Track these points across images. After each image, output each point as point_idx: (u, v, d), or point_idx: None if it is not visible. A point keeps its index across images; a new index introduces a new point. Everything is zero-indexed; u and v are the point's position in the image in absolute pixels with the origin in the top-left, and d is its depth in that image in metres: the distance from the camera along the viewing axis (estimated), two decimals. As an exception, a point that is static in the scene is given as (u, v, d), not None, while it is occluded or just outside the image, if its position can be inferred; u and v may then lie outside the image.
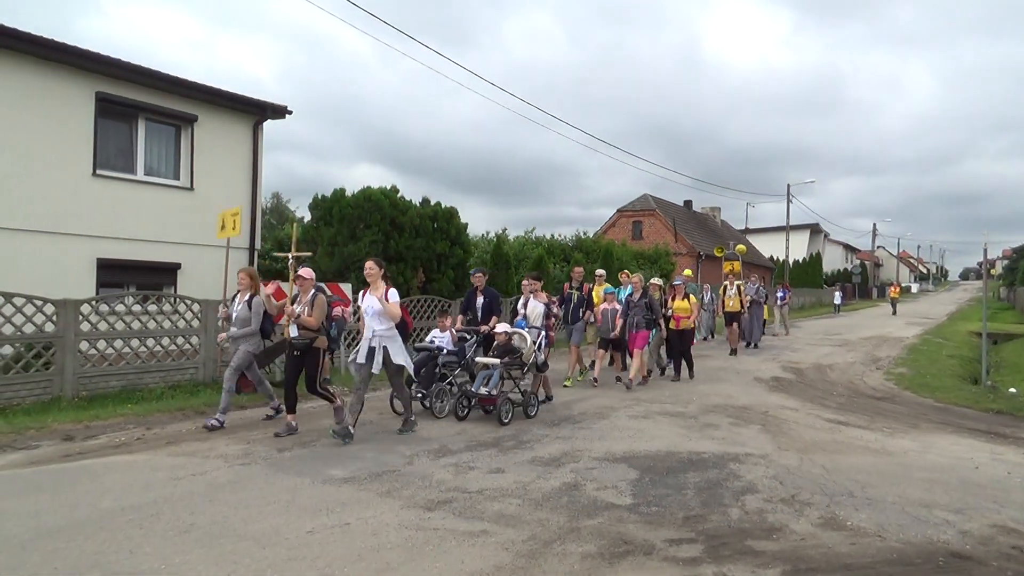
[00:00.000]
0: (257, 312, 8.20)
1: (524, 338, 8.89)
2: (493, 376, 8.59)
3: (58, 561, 4.18)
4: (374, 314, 7.37)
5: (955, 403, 10.56)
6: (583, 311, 11.59)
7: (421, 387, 8.72)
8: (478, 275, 10.18)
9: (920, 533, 4.84)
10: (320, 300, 7.53)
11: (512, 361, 8.67)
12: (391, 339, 7.44)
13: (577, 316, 11.58)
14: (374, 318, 7.38)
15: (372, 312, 7.39)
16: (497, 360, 8.62)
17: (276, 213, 39.97)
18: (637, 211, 42.01)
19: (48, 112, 11.39)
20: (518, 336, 8.96)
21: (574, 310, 11.57)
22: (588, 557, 4.34)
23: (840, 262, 76.96)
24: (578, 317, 11.58)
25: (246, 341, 8.17)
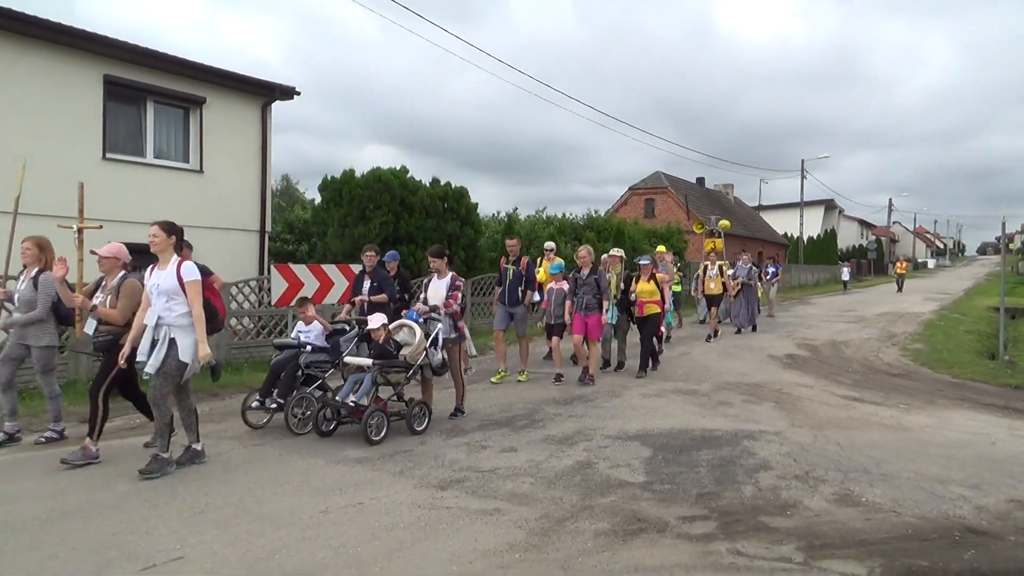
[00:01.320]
0: (46, 292, 6.48)
1: (413, 332, 7.01)
2: (365, 381, 6.77)
3: (75, 542, 4.22)
4: (161, 294, 5.56)
5: (972, 378, 10.47)
6: (522, 291, 9.98)
7: (279, 395, 7.03)
8: (368, 253, 8.80)
9: (936, 508, 4.81)
10: (129, 286, 6.09)
11: (390, 363, 6.88)
12: (183, 330, 5.56)
13: (515, 298, 9.97)
14: (161, 299, 5.56)
15: (159, 291, 5.57)
16: (369, 361, 6.82)
17: (286, 195, 40.01)
18: (649, 189, 41.72)
19: (56, 96, 11.37)
20: (407, 329, 7.11)
21: (510, 290, 9.96)
22: (601, 535, 4.34)
23: (855, 238, 76.32)
24: (516, 299, 9.97)
25: (36, 333, 6.49)
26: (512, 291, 9.92)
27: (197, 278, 5.61)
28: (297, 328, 7.68)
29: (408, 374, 6.99)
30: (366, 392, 6.73)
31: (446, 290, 7.48)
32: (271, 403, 7.00)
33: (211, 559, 4.00)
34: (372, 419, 6.47)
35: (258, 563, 3.96)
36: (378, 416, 6.53)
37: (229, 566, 3.93)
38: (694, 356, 12.42)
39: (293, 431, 6.83)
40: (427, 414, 7.06)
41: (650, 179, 42.41)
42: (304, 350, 7.30)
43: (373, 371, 6.77)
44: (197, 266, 5.76)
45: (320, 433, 6.67)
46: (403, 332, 7.16)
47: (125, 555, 4.04)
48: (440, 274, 7.66)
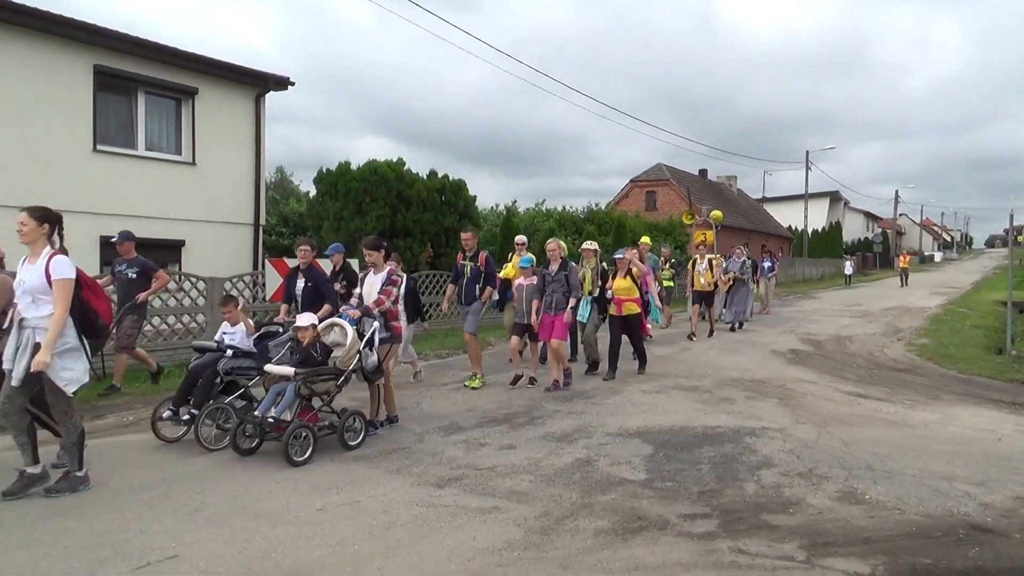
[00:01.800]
0: None
1: (345, 332, 6.26)
2: (287, 393, 5.97)
3: (69, 540, 4.19)
4: (26, 292, 4.81)
5: (978, 374, 10.38)
6: (481, 288, 9.23)
7: (194, 405, 6.26)
8: (302, 248, 7.97)
9: (940, 506, 4.74)
10: None
11: (316, 370, 6.06)
12: None
13: (472, 296, 9.24)
14: (26, 297, 4.81)
15: (24, 289, 4.82)
16: (291, 370, 5.92)
17: (280, 188, 39.99)
18: (651, 181, 41.57)
19: (46, 86, 11.31)
20: (338, 330, 6.39)
21: (467, 288, 9.23)
22: (601, 533, 4.29)
23: (861, 231, 75.99)
24: (474, 298, 9.25)
25: None
26: (469, 289, 9.22)
27: (68, 276, 4.80)
28: (222, 329, 6.88)
29: (339, 382, 6.22)
30: (288, 405, 5.93)
31: (380, 285, 6.69)
32: (185, 413, 6.23)
33: (206, 557, 3.96)
34: (295, 436, 5.66)
35: (253, 561, 3.93)
36: (303, 433, 5.72)
37: (224, 564, 3.89)
38: (695, 352, 12.35)
39: (204, 446, 6.02)
40: (364, 427, 6.26)
41: (652, 171, 42.26)
42: (225, 355, 6.51)
43: (296, 381, 5.91)
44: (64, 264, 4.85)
45: (239, 451, 5.84)
46: (334, 333, 6.39)
47: (119, 553, 4.01)
48: (376, 268, 6.84)
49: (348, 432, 6.14)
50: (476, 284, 9.16)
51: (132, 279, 8.46)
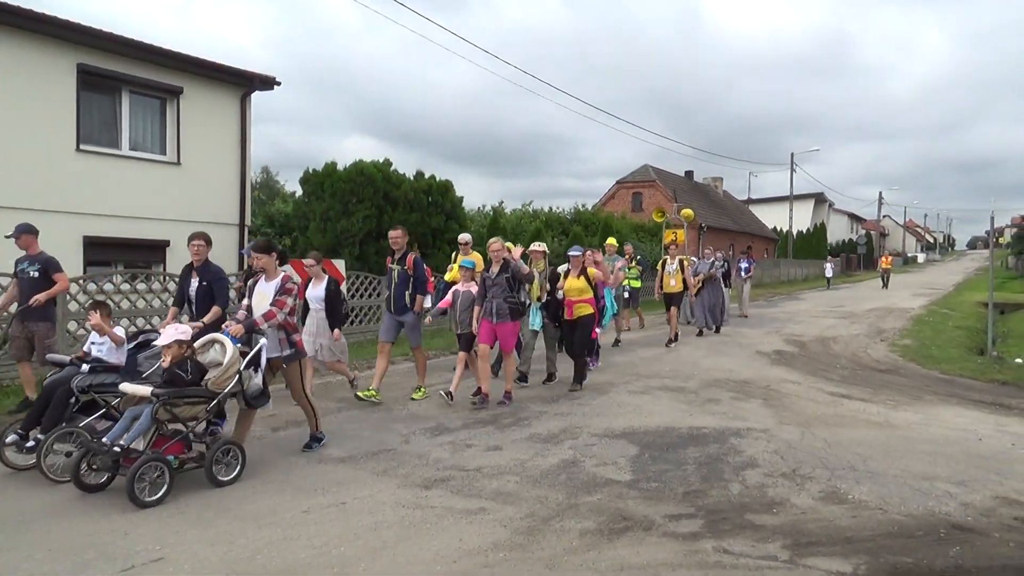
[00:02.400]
0: None
1: (224, 350, 5.39)
2: (142, 417, 5.00)
3: (53, 543, 4.16)
4: None
5: (960, 374, 10.49)
6: (410, 295, 8.15)
7: (43, 428, 5.40)
8: (195, 243, 6.84)
9: (922, 505, 4.80)
10: None
11: (178, 392, 5.10)
12: None
13: (402, 303, 8.15)
14: None
15: None
16: (147, 389, 5.01)
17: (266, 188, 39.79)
18: (637, 182, 41.69)
19: (28, 85, 11.19)
20: (218, 347, 5.50)
21: (396, 295, 8.18)
22: (587, 533, 4.31)
23: (845, 232, 76.57)
24: (404, 306, 8.16)
25: None
26: (398, 296, 8.17)
27: None
28: (90, 339, 6.03)
29: (209, 406, 5.29)
30: (142, 432, 4.97)
31: (272, 294, 5.82)
32: (32, 438, 5.41)
33: (191, 560, 3.95)
34: (145, 471, 4.76)
35: (239, 563, 3.92)
36: (156, 467, 4.83)
37: (210, 566, 3.88)
38: (681, 353, 12.41)
39: (50, 478, 5.16)
40: (239, 458, 5.35)
41: (638, 172, 42.39)
42: (80, 369, 5.66)
43: (153, 404, 4.95)
44: None
45: (82, 487, 4.95)
46: (213, 351, 5.52)
47: (104, 556, 3.99)
48: (268, 275, 5.96)
49: (218, 466, 5.21)
50: (405, 291, 8.12)
51: (34, 278, 7.26)
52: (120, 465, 4.90)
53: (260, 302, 5.87)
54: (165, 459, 4.94)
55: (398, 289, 8.15)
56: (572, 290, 8.85)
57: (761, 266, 42.34)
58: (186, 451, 5.28)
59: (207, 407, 5.31)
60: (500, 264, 7.92)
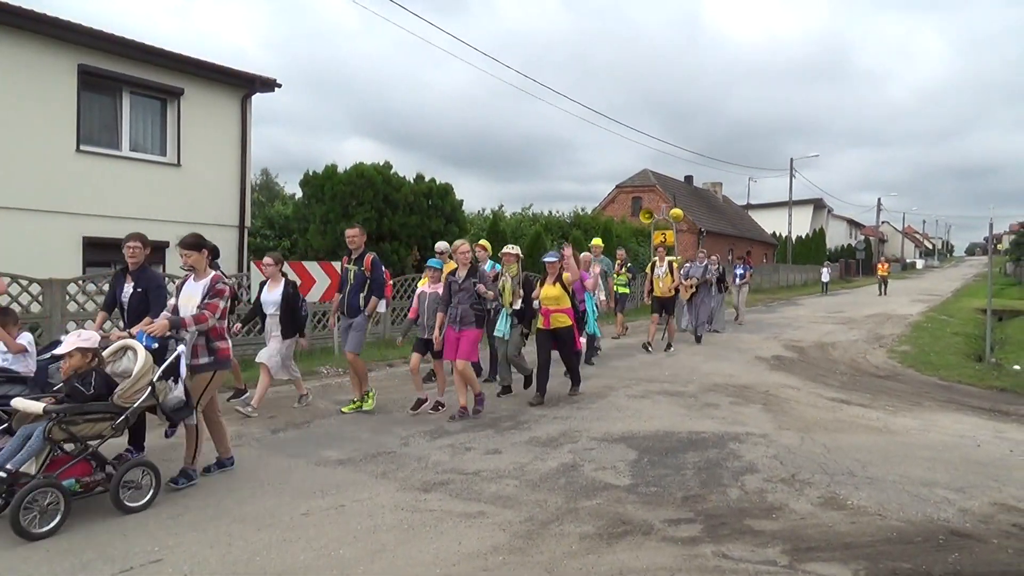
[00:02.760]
0: None
1: (136, 357, 4.82)
2: (33, 437, 4.43)
3: (50, 543, 4.16)
4: None
5: (959, 381, 10.51)
6: (365, 297, 7.62)
7: None
8: (130, 244, 6.14)
9: (920, 512, 4.80)
10: None
11: (78, 407, 4.56)
12: None
13: (355, 306, 7.63)
14: None
15: None
16: (40, 406, 4.47)
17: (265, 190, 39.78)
18: (637, 187, 41.73)
19: (29, 86, 11.19)
20: (131, 355, 4.93)
21: (350, 297, 7.63)
22: (586, 537, 4.31)
23: (844, 238, 76.66)
24: (356, 308, 7.63)
25: None
26: (352, 299, 7.64)
27: None
28: None
29: (116, 423, 4.73)
30: (34, 453, 4.40)
31: (201, 296, 5.29)
32: None
33: (190, 561, 3.95)
34: (35, 498, 4.22)
35: (238, 565, 3.92)
36: (47, 494, 4.29)
37: (209, 568, 3.88)
38: (680, 357, 12.41)
39: None
40: (153, 481, 4.83)
41: (637, 177, 42.44)
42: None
43: (47, 422, 4.41)
44: None
45: None
46: (125, 359, 4.96)
47: (102, 557, 3.99)
48: (197, 274, 5.45)
49: (127, 490, 4.69)
50: (360, 293, 7.65)
51: None
52: (13, 490, 4.28)
53: (187, 304, 5.33)
54: (59, 484, 4.38)
55: (353, 291, 7.65)
56: (548, 298, 8.31)
57: (760, 271, 42.35)
58: (94, 473, 4.70)
59: (113, 424, 4.71)
60: (468, 268, 7.54)
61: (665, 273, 13.02)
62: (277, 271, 7.79)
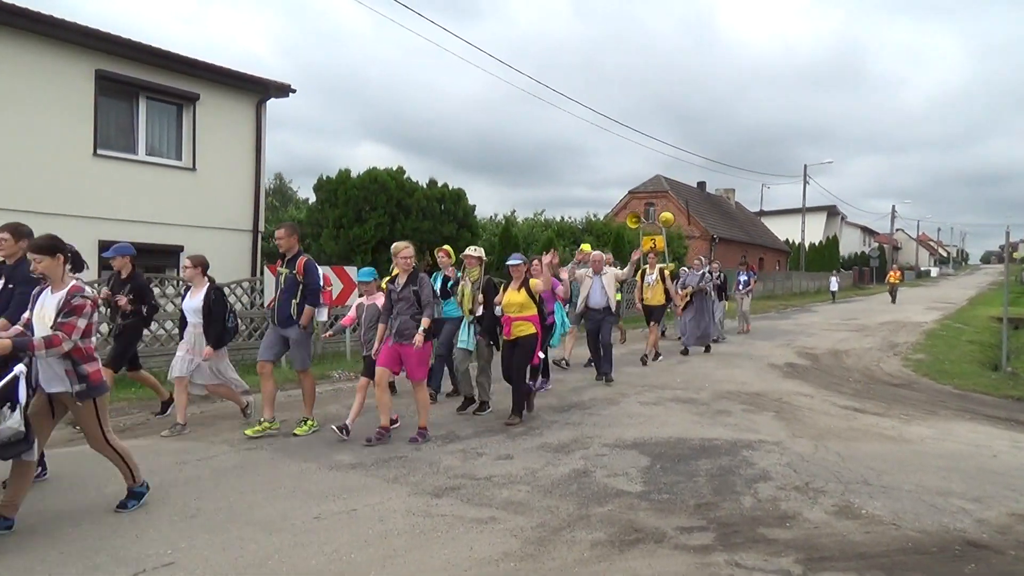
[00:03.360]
0: None
1: None
2: None
3: (64, 545, 4.18)
4: None
5: (974, 390, 10.40)
6: (297, 305, 6.84)
7: None
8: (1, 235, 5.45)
9: (936, 522, 4.75)
10: None
11: None
12: None
13: (286, 314, 6.86)
14: None
15: None
16: None
17: (279, 195, 40.00)
18: (649, 193, 41.65)
19: (48, 90, 11.33)
20: None
21: (281, 304, 6.91)
22: (598, 544, 4.29)
23: (858, 245, 76.27)
24: (288, 317, 6.85)
25: None
26: (283, 306, 6.89)
27: None
28: None
29: None
30: None
31: (55, 312, 4.41)
32: None
33: (202, 565, 3.96)
34: None
35: (249, 569, 3.92)
36: None
37: (220, 572, 3.89)
38: (692, 364, 12.36)
39: None
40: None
41: (650, 183, 42.38)
42: None
43: None
44: None
45: None
46: None
47: (115, 559, 4.00)
48: (53, 285, 4.56)
49: None
50: (292, 299, 6.82)
51: None
52: None
53: (40, 319, 4.46)
54: None
55: (284, 297, 6.88)
56: (511, 305, 7.53)
57: (773, 278, 42.20)
58: None
59: None
60: (408, 275, 6.73)
61: (656, 281, 12.41)
62: (198, 275, 7.01)
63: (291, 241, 7.01)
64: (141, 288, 7.18)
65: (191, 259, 7.10)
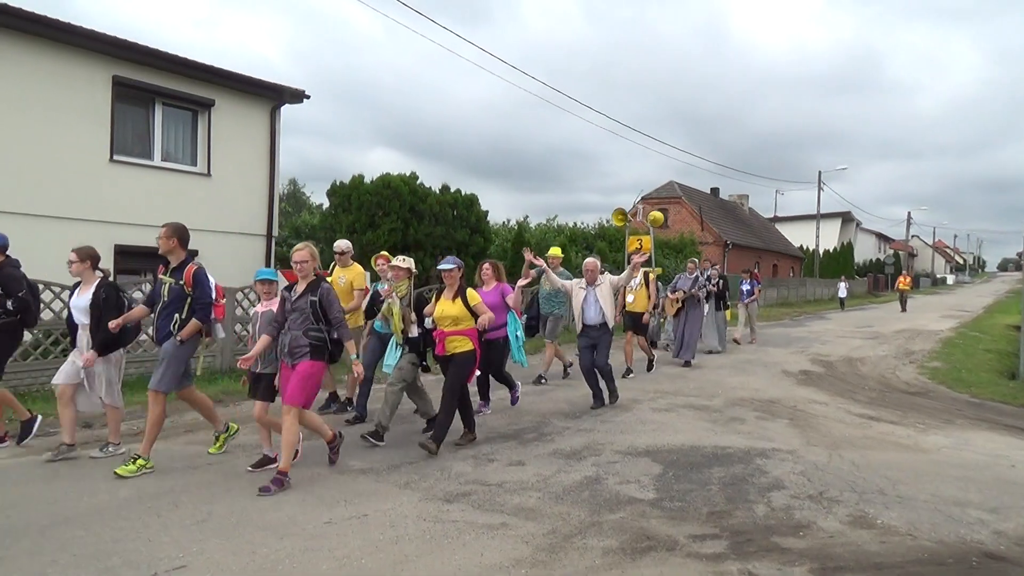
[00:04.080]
0: None
1: None
2: None
3: (76, 548, 4.19)
4: None
5: (991, 398, 10.28)
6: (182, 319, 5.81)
7: None
8: None
9: (953, 532, 4.69)
10: None
11: None
12: None
13: (166, 331, 5.84)
14: None
15: None
16: None
17: (293, 200, 40.21)
18: (662, 199, 41.47)
19: (65, 97, 11.44)
20: None
21: (161, 318, 5.89)
22: (610, 552, 4.26)
23: (873, 252, 75.71)
24: (169, 335, 5.82)
25: None
26: (163, 320, 5.87)
27: None
28: None
29: None
30: None
31: None
32: None
33: (213, 569, 3.96)
34: None
35: (260, 573, 3.93)
36: None
37: (231, 575, 3.89)
38: (705, 371, 12.29)
39: None
40: None
41: (663, 189, 42.25)
42: None
43: None
44: None
45: None
46: None
47: (126, 563, 4.01)
48: None
49: None
50: (176, 312, 5.84)
51: None
52: None
53: None
54: None
55: (166, 310, 5.84)
56: (444, 318, 6.49)
57: (787, 285, 41.92)
58: None
59: None
60: (309, 282, 5.68)
61: (639, 285, 11.13)
62: (87, 269, 6.01)
63: (170, 244, 5.86)
64: (7, 280, 6.14)
65: (77, 252, 6.02)
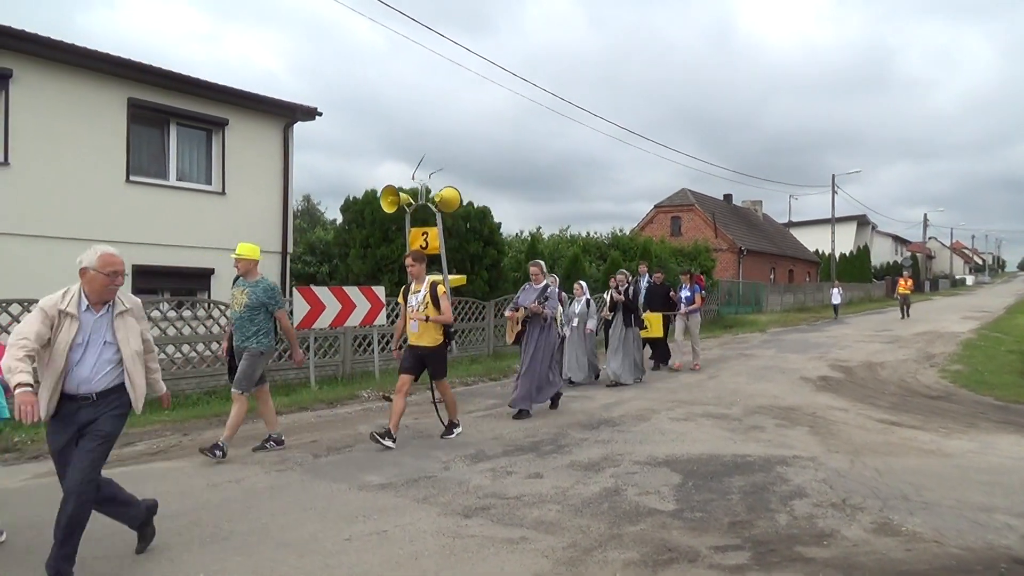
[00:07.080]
0: None
1: None
2: None
3: (98, 567, 4.22)
4: None
5: (1016, 401, 10.12)
6: None
7: None
8: None
9: (980, 538, 4.61)
10: None
11: None
12: None
13: None
14: None
15: None
16: None
17: (307, 216, 40.43)
18: (675, 206, 41.46)
19: (81, 119, 11.64)
20: None
21: None
22: (631, 564, 4.22)
23: (889, 254, 75.10)
24: None
25: None
26: None
27: None
28: None
29: None
30: None
31: None
32: None
33: (233, 587, 3.96)
34: None
35: (280, 592, 3.92)
36: None
37: (251, 595, 3.88)
38: (723, 379, 12.21)
39: None
40: None
41: (676, 196, 42.18)
42: None
43: None
44: None
45: None
46: None
47: (148, 583, 4.02)
48: None
49: None
50: None
51: None
52: None
53: None
54: None
55: None
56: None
57: (804, 290, 41.63)
58: None
59: None
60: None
61: (423, 302, 7.22)
62: None
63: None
64: None
65: None
